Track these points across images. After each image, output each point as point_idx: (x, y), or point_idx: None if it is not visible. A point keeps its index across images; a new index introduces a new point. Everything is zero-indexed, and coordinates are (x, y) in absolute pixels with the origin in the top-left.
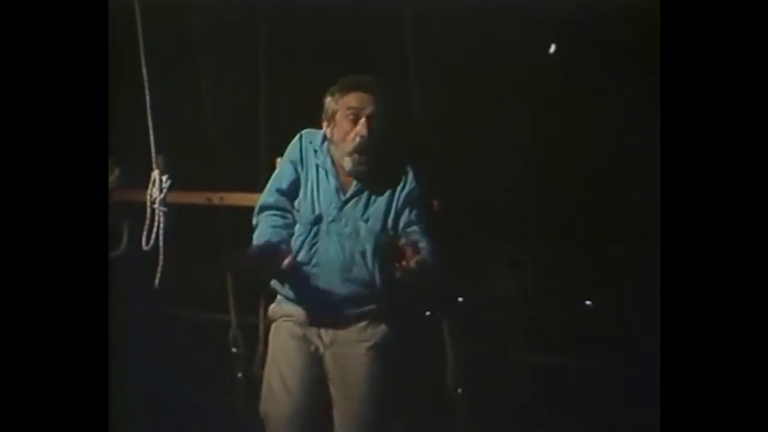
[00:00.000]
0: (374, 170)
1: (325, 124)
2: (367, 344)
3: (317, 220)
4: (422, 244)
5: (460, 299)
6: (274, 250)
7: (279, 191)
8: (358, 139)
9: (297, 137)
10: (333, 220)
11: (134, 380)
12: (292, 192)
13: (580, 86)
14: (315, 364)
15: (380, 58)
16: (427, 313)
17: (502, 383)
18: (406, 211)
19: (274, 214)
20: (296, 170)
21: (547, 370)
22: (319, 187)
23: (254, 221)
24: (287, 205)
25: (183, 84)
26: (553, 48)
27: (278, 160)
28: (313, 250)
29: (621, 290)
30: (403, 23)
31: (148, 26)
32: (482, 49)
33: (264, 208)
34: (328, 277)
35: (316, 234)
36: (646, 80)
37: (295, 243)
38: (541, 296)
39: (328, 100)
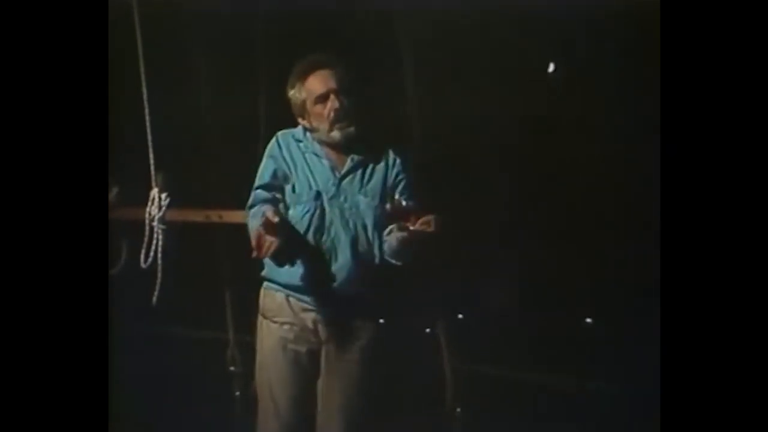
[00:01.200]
0: (365, 136)
1: (299, 119)
2: (360, 343)
3: (317, 196)
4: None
5: (460, 316)
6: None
7: (261, 186)
8: (332, 114)
9: (273, 139)
10: (332, 197)
11: (131, 398)
12: (275, 182)
13: (579, 90)
14: (307, 372)
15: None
16: (427, 330)
17: (501, 402)
18: (398, 191)
19: (264, 200)
20: (276, 162)
21: (547, 389)
22: (313, 170)
23: (247, 222)
24: (274, 193)
25: (182, 103)
26: (552, 67)
27: None
28: (325, 225)
29: (621, 308)
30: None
31: (148, 45)
32: (482, 48)
33: (251, 207)
34: (340, 249)
35: (322, 210)
36: (645, 84)
37: (302, 221)
38: (541, 314)
39: (292, 93)
